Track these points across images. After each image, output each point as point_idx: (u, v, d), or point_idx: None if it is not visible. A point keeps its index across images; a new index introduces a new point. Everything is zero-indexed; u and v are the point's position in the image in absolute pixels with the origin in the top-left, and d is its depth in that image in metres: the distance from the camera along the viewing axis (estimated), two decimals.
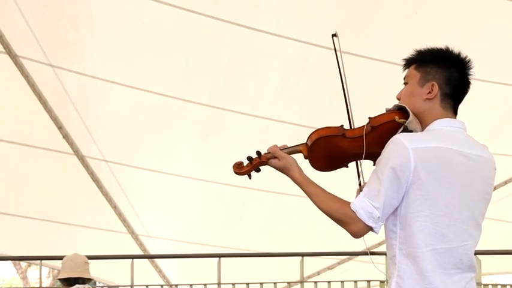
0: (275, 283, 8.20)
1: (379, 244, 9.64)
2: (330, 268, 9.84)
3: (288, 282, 8.82)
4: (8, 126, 8.45)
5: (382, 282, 8.35)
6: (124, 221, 9.26)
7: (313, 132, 2.92)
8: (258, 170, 2.96)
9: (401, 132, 2.81)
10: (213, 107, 7.94)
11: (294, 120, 7.99)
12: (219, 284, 7.81)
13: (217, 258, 7.81)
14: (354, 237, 2.81)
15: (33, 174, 8.97)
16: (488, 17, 7.10)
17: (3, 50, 7.48)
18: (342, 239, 10.43)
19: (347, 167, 3.03)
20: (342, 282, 8.39)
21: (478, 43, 7.36)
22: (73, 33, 7.42)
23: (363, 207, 2.75)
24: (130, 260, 7.89)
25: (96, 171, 8.71)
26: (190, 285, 7.78)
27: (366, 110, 8.92)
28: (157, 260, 9.80)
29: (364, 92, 7.91)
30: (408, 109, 2.83)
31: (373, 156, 2.87)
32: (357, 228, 2.77)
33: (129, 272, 7.79)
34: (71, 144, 8.31)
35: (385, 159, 2.75)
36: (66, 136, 8.21)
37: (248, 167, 2.95)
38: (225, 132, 8.33)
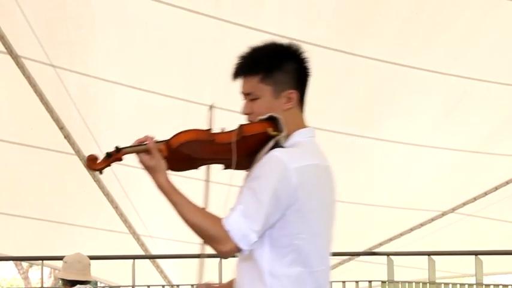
0: None
1: (380, 244, 9.66)
2: (331, 268, 9.83)
3: None
4: (9, 127, 8.45)
5: (383, 282, 8.35)
6: (125, 221, 9.26)
7: (180, 134, 2.65)
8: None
9: (272, 146, 2.64)
10: (215, 107, 7.94)
11: None
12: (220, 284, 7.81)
13: (219, 259, 7.83)
14: (222, 257, 2.63)
15: (34, 174, 8.98)
16: (490, 18, 7.10)
17: (5, 51, 7.48)
18: (343, 239, 10.45)
19: (197, 169, 2.82)
20: (344, 282, 8.40)
21: (480, 43, 7.37)
22: (75, 34, 7.43)
23: (239, 227, 2.53)
24: (132, 260, 7.90)
25: (97, 172, 8.70)
26: (192, 285, 7.78)
27: (367, 110, 8.94)
28: (158, 260, 9.80)
29: (365, 93, 7.92)
30: (282, 123, 2.64)
31: (230, 163, 2.72)
32: (227, 248, 2.54)
33: (131, 272, 7.79)
34: (73, 144, 8.31)
35: (265, 179, 2.57)
36: (67, 136, 8.21)
37: (106, 162, 2.67)
38: None
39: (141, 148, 2.63)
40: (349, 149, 8.41)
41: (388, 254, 8.41)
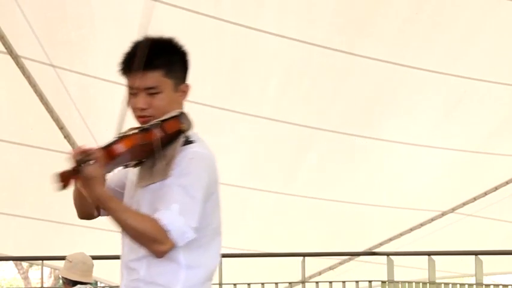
0: (276, 283, 8.21)
1: (380, 244, 9.66)
2: (331, 268, 9.84)
3: (290, 283, 8.82)
4: (9, 127, 8.45)
5: (383, 282, 8.35)
6: None
7: (124, 140, 2.60)
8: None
9: (182, 140, 2.66)
10: (215, 107, 7.94)
11: (296, 120, 7.99)
12: (220, 284, 7.81)
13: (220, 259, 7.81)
14: (158, 257, 2.55)
15: (34, 174, 8.97)
16: (490, 18, 7.10)
17: (5, 51, 7.47)
18: (343, 239, 10.46)
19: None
20: (344, 282, 8.40)
21: (480, 43, 7.37)
22: (75, 34, 7.42)
23: (178, 226, 2.51)
24: None
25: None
26: None
27: (367, 110, 8.93)
28: None
29: (365, 93, 7.92)
30: (189, 118, 2.72)
31: (141, 162, 2.69)
32: (166, 248, 2.52)
33: None
34: (73, 144, 8.31)
35: (195, 175, 2.59)
36: (67, 136, 8.21)
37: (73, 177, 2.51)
38: (227, 133, 8.33)
39: (92, 157, 2.52)
40: (349, 149, 8.41)
41: (388, 254, 8.41)
